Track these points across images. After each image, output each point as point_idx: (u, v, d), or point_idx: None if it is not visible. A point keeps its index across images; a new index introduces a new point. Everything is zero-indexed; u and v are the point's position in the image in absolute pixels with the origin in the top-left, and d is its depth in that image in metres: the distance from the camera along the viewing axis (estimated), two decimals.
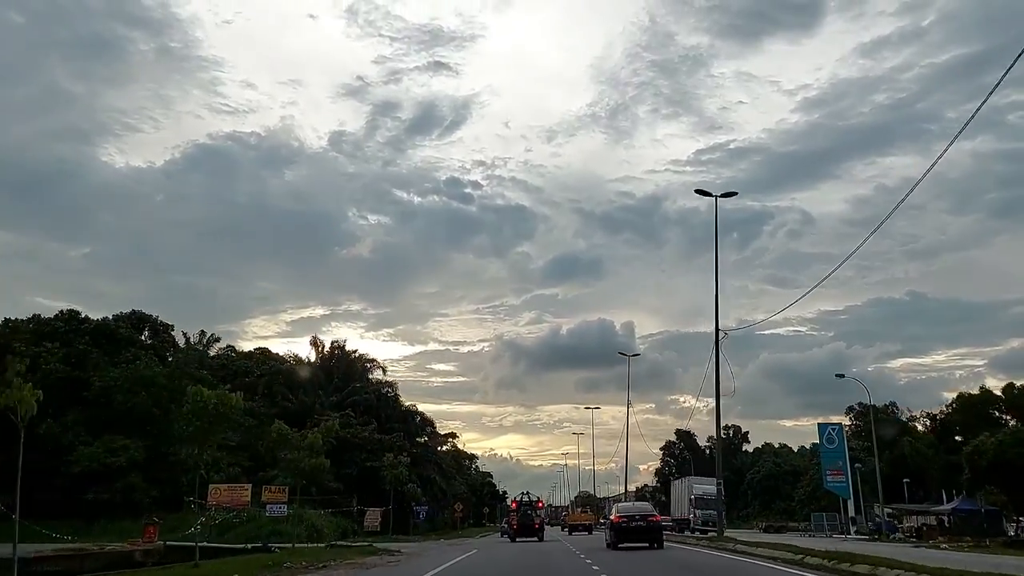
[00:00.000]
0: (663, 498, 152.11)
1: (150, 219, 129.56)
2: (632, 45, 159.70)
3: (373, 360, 63.25)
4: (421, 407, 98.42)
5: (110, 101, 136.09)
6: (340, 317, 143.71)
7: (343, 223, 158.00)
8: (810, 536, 60.68)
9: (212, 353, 66.60)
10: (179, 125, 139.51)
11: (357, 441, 53.10)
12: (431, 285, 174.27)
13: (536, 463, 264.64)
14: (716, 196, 28.48)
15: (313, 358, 62.37)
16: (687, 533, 48.91)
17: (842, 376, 57.28)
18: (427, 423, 65.45)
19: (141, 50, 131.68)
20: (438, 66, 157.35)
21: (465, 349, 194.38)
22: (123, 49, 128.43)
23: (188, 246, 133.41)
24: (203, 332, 67.96)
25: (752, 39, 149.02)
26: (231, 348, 67.74)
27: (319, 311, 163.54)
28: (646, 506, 32.97)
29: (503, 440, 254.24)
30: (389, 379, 63.38)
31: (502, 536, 60.07)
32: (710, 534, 41.10)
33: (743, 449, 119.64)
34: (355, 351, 62.63)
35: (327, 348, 62.32)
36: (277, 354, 64.48)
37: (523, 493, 46.14)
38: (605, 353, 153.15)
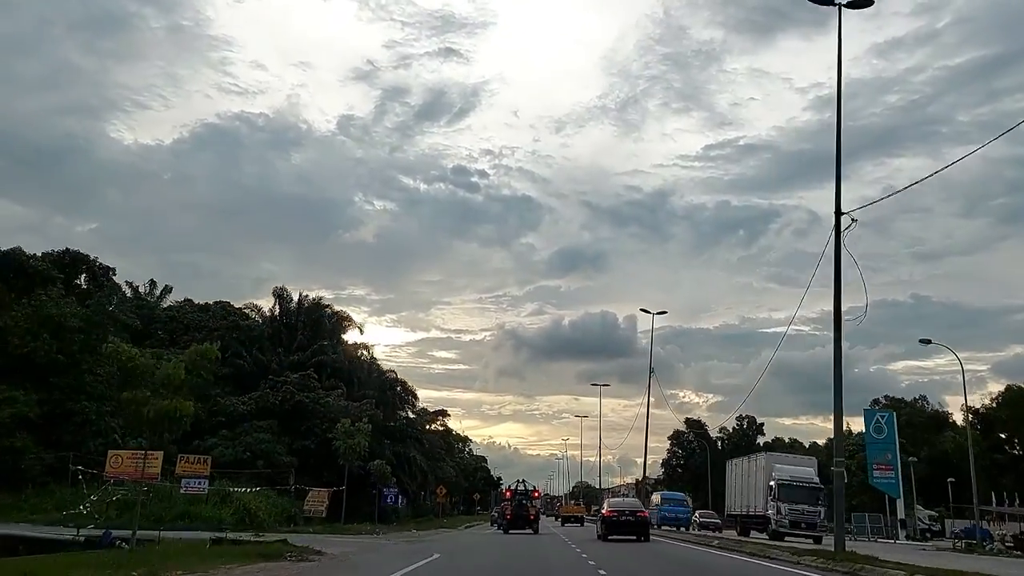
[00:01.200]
0: (665, 490, 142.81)
1: (157, 197, 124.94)
2: (645, 37, 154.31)
3: (348, 317, 52.86)
4: (422, 393, 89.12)
5: (119, 78, 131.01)
6: (344, 301, 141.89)
7: (349, 208, 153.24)
8: (854, 540, 50.68)
9: (165, 305, 56.53)
10: (188, 104, 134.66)
11: (319, 408, 42.65)
12: (435, 273, 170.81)
13: (534, 452, 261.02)
14: (840, 4, 18.34)
15: (278, 312, 51.84)
16: (756, 535, 36.62)
17: (928, 342, 46.14)
18: (409, 393, 55.07)
19: (152, 27, 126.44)
20: (448, 52, 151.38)
21: (467, 337, 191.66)
22: (133, 26, 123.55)
23: (194, 225, 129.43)
24: (153, 282, 57.83)
25: (766, 35, 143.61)
26: (188, 301, 57.30)
27: (323, 294, 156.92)
28: (635, 502, 36.27)
29: (502, 428, 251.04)
30: (366, 341, 52.89)
31: (492, 526, 52.41)
32: (788, 539, 29.69)
33: (757, 442, 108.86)
34: (328, 306, 52.22)
35: (295, 301, 51.85)
36: (239, 309, 53.97)
37: (518, 481, 42.38)
38: (607, 345, 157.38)
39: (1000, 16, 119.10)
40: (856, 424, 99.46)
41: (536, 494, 44.18)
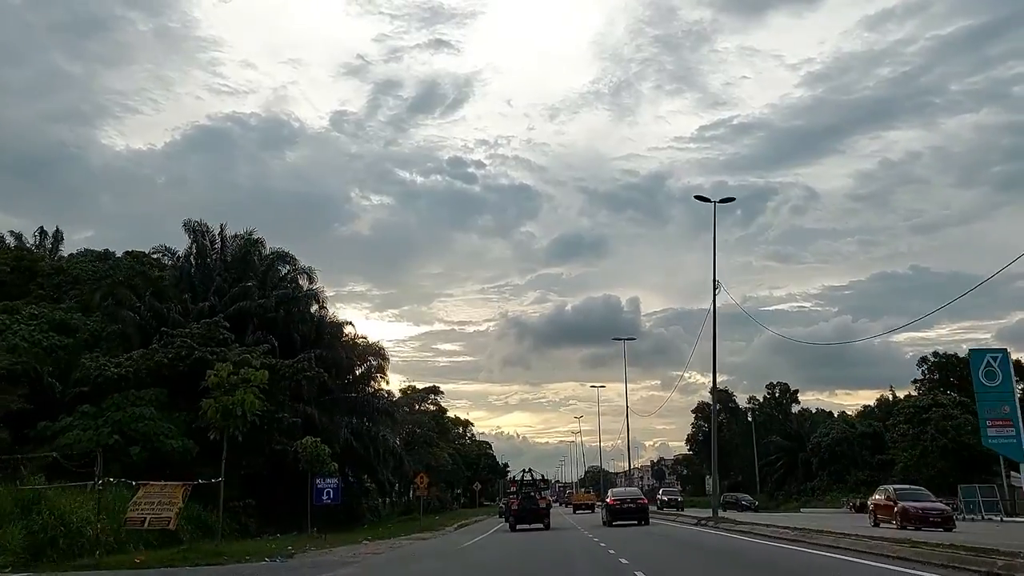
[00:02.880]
0: (685, 471, 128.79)
1: (152, 201, 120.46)
2: (635, 20, 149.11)
3: (290, 257, 38.63)
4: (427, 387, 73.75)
5: (109, 83, 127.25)
6: (345, 298, 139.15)
7: (346, 204, 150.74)
8: (967, 519, 37.44)
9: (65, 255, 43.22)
10: (179, 106, 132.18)
11: None
12: (435, 266, 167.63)
13: (543, 440, 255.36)
14: None
15: (194, 252, 37.77)
16: None
17: None
18: (374, 354, 40.66)
19: (139, 30, 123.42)
20: (439, 44, 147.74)
21: (471, 329, 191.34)
22: (121, 30, 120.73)
23: None
24: (43, 231, 44.21)
25: (755, 13, 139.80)
26: (87, 251, 43.66)
27: (324, 292, 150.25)
28: (635, 491, 40.72)
29: (509, 418, 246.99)
30: (319, 288, 38.52)
31: (500, 518, 45.97)
32: None
33: (791, 411, 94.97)
34: (260, 240, 37.98)
35: (216, 237, 37.81)
36: (150, 256, 40.07)
37: (525, 471, 37.21)
38: (610, 330, 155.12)
39: None
40: (899, 391, 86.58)
41: (544, 483, 39.32)
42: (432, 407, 67.76)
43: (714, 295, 32.01)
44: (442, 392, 69.79)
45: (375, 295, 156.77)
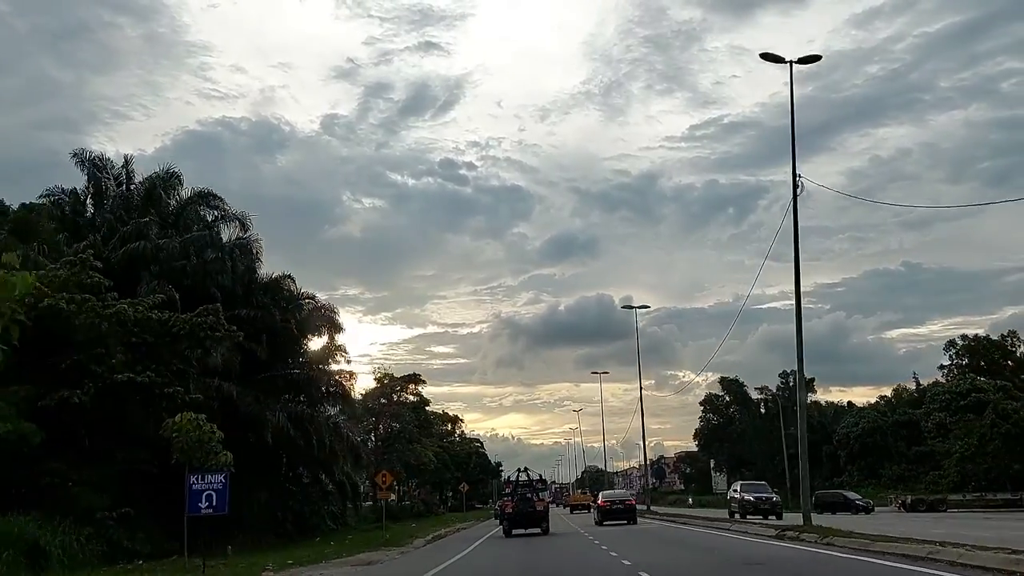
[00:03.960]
0: (688, 469, 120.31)
1: None
2: (624, 21, 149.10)
3: (217, 199, 29.81)
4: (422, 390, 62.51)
5: (98, 89, 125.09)
6: (338, 302, 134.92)
7: (337, 207, 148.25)
8: None
9: None
10: (169, 112, 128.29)
11: (99, 325, 20.18)
12: (428, 268, 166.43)
13: (537, 442, 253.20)
14: None
15: (91, 192, 29.06)
16: None
17: None
18: (326, 321, 31.60)
19: (128, 36, 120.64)
20: (429, 46, 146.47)
21: (464, 331, 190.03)
22: (110, 36, 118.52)
23: None
24: None
25: (744, 12, 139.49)
26: None
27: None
28: (624, 492, 45.29)
29: (504, 420, 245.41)
30: (250, 236, 29.68)
31: (495, 520, 43.20)
32: None
33: (807, 401, 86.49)
34: (174, 172, 29.09)
35: (121, 174, 29.15)
36: (46, 204, 31.24)
37: (520, 470, 33.91)
38: (604, 329, 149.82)
39: None
40: (925, 377, 78.85)
41: (541, 483, 34.73)
42: (413, 397, 59.14)
43: (794, 188, 24.55)
44: (423, 380, 61.09)
45: (367, 298, 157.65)
